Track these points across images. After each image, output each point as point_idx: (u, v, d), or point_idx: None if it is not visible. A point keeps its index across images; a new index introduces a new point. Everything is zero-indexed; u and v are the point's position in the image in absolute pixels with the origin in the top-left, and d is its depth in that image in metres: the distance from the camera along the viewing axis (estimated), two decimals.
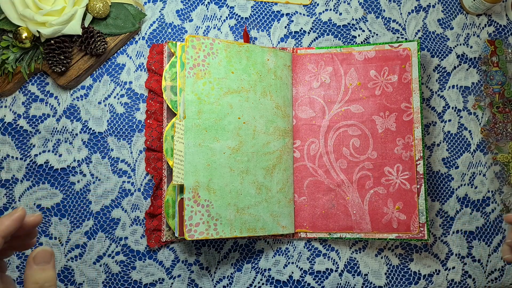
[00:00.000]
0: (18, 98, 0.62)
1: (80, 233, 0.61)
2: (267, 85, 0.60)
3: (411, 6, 0.68)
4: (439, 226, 0.64)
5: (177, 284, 0.61)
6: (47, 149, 0.62)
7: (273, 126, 0.60)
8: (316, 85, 0.63)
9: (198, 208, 0.54)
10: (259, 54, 0.60)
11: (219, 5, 0.66)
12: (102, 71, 0.64)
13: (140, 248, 0.61)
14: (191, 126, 0.55)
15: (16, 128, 0.62)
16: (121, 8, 0.62)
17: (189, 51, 0.56)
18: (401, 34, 0.67)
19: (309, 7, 0.68)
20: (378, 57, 0.62)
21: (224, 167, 0.56)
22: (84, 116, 0.63)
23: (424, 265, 0.63)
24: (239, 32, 0.66)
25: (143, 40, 0.64)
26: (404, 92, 0.61)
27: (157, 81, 0.62)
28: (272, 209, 0.59)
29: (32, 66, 0.60)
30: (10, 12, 0.57)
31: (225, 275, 0.62)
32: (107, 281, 0.61)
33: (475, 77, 0.67)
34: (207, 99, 0.56)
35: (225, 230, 0.56)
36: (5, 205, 0.61)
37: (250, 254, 0.63)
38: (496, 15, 0.69)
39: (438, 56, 0.67)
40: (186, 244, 0.62)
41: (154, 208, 0.61)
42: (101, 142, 0.62)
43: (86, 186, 0.62)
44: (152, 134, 0.61)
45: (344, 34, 0.67)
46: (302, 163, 0.62)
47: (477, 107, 0.66)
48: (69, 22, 0.58)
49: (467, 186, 0.65)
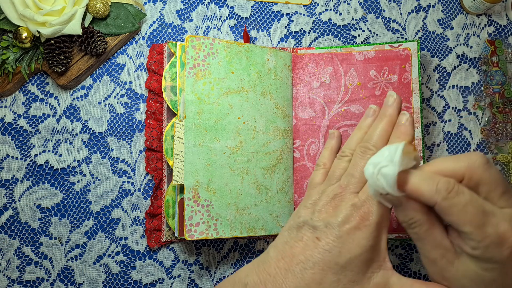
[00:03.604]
0: (18, 98, 0.62)
1: (80, 233, 0.61)
2: (267, 85, 0.60)
3: (411, 6, 0.68)
4: None
5: (177, 284, 0.61)
6: (47, 149, 0.62)
7: (273, 126, 0.60)
8: (316, 85, 0.63)
9: (198, 208, 0.54)
10: (259, 54, 0.60)
11: (219, 5, 0.66)
12: (102, 71, 0.64)
13: (140, 248, 0.61)
14: (191, 126, 0.55)
15: (16, 128, 0.62)
16: (121, 8, 0.62)
17: (189, 51, 0.56)
18: (401, 34, 0.67)
19: (309, 7, 0.68)
20: (378, 57, 0.62)
21: (224, 167, 0.56)
22: (84, 116, 0.63)
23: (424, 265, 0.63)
24: (239, 32, 0.66)
25: (143, 40, 0.64)
26: (404, 92, 0.61)
27: (157, 81, 0.62)
28: (272, 209, 0.59)
29: (32, 66, 0.60)
30: (10, 12, 0.57)
31: (225, 275, 0.62)
32: (107, 281, 0.61)
33: (475, 77, 0.67)
34: (207, 99, 0.56)
35: (225, 230, 0.56)
36: (5, 205, 0.61)
37: (250, 254, 0.63)
38: (496, 15, 0.69)
39: (438, 56, 0.67)
40: (186, 244, 0.62)
41: (154, 208, 0.61)
42: (101, 142, 0.62)
43: (86, 186, 0.62)
44: (152, 134, 0.62)
45: (344, 34, 0.67)
46: (302, 163, 0.62)
47: (477, 107, 0.66)
48: (69, 22, 0.58)
49: None
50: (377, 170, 0.33)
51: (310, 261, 0.35)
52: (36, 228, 0.61)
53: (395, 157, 0.33)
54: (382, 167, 0.33)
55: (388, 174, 0.33)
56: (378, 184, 0.34)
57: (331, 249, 0.35)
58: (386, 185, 0.33)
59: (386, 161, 0.33)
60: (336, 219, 0.36)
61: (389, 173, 0.33)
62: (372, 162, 0.34)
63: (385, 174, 0.33)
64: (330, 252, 0.35)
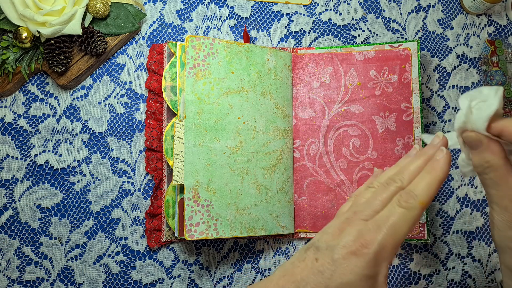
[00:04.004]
0: (18, 98, 0.62)
1: (80, 233, 0.61)
2: (267, 85, 0.60)
3: (411, 6, 0.68)
4: (439, 226, 0.64)
5: (177, 284, 0.61)
6: (47, 149, 0.62)
7: (273, 126, 0.60)
8: (316, 85, 0.63)
9: (198, 208, 0.54)
10: (259, 54, 0.60)
11: (219, 5, 0.66)
12: (102, 71, 0.64)
13: (140, 248, 0.61)
14: (191, 126, 0.55)
15: (16, 128, 0.62)
16: (121, 8, 0.62)
17: (189, 51, 0.56)
18: (401, 34, 0.67)
19: (309, 7, 0.68)
20: (378, 57, 0.62)
21: (224, 167, 0.56)
22: (84, 116, 0.63)
23: (424, 265, 0.63)
24: (239, 32, 0.66)
25: (143, 40, 0.64)
26: (404, 92, 0.61)
27: (157, 81, 0.62)
28: (272, 209, 0.59)
29: (32, 66, 0.60)
30: (10, 12, 0.57)
31: (225, 275, 0.62)
32: (107, 281, 0.61)
33: (475, 77, 0.67)
34: (207, 99, 0.56)
35: (225, 230, 0.56)
36: (5, 205, 0.61)
37: (250, 254, 0.63)
38: (496, 15, 0.69)
39: (438, 56, 0.67)
40: (186, 244, 0.62)
41: (154, 208, 0.61)
42: (101, 142, 0.62)
43: (86, 186, 0.62)
44: (152, 134, 0.62)
45: (344, 34, 0.67)
46: (302, 163, 0.62)
47: None
48: (69, 22, 0.58)
49: (467, 186, 0.65)
50: (474, 103, 0.34)
51: (304, 281, 0.35)
52: (36, 228, 0.61)
53: (496, 95, 0.33)
54: (480, 101, 0.34)
55: (485, 109, 0.33)
56: (470, 117, 0.34)
57: (324, 271, 0.34)
58: (478, 119, 0.33)
59: (484, 97, 0.34)
60: (338, 242, 0.35)
61: (488, 108, 0.33)
62: (470, 95, 0.34)
63: (482, 109, 0.33)
64: (323, 274, 0.34)
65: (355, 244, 0.35)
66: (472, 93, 0.35)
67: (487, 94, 0.34)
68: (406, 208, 0.35)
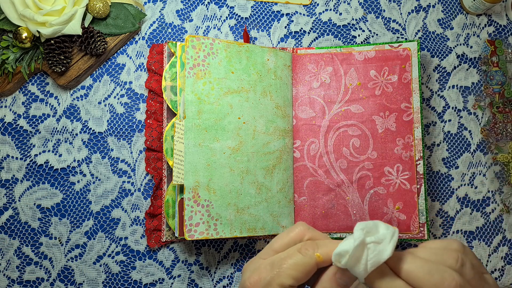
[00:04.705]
0: (18, 98, 0.62)
1: (80, 233, 0.61)
2: (267, 85, 0.60)
3: (411, 6, 0.68)
4: (439, 226, 0.64)
5: (177, 284, 0.61)
6: (47, 149, 0.62)
7: (273, 126, 0.60)
8: (316, 85, 0.63)
9: (198, 208, 0.54)
10: (259, 54, 0.60)
11: (219, 5, 0.66)
12: (102, 71, 0.64)
13: (140, 248, 0.61)
14: (191, 126, 0.55)
15: (16, 128, 0.62)
16: (121, 8, 0.62)
17: (189, 51, 0.56)
18: (401, 34, 0.67)
19: (309, 7, 0.68)
20: (378, 57, 0.62)
21: (224, 167, 0.56)
22: (84, 116, 0.63)
23: None
24: (239, 32, 0.66)
25: (143, 40, 0.64)
26: (404, 92, 0.61)
27: (157, 81, 0.62)
28: (272, 209, 0.59)
29: (32, 66, 0.60)
30: (10, 12, 0.57)
31: (225, 275, 0.62)
32: (107, 281, 0.61)
33: (475, 77, 0.67)
34: (207, 99, 0.56)
35: (225, 230, 0.56)
36: (5, 205, 0.61)
37: (250, 254, 0.63)
38: (496, 15, 0.69)
39: (438, 56, 0.67)
40: (186, 244, 0.62)
41: (154, 208, 0.61)
42: (101, 142, 0.62)
43: (86, 186, 0.62)
44: (152, 134, 0.62)
45: (344, 34, 0.67)
46: (302, 163, 0.62)
47: (477, 107, 0.66)
48: (69, 22, 0.58)
49: (467, 186, 0.65)
50: (369, 240, 0.29)
51: None
52: (36, 228, 0.61)
53: (391, 241, 0.29)
54: (374, 242, 0.29)
55: (382, 252, 0.29)
56: (359, 255, 0.29)
57: None
58: (370, 262, 0.29)
59: (379, 238, 0.30)
60: None
61: (384, 252, 0.29)
62: (366, 226, 0.30)
63: (380, 251, 0.29)
64: None
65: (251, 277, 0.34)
66: (370, 225, 0.30)
67: (383, 235, 0.30)
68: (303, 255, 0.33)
